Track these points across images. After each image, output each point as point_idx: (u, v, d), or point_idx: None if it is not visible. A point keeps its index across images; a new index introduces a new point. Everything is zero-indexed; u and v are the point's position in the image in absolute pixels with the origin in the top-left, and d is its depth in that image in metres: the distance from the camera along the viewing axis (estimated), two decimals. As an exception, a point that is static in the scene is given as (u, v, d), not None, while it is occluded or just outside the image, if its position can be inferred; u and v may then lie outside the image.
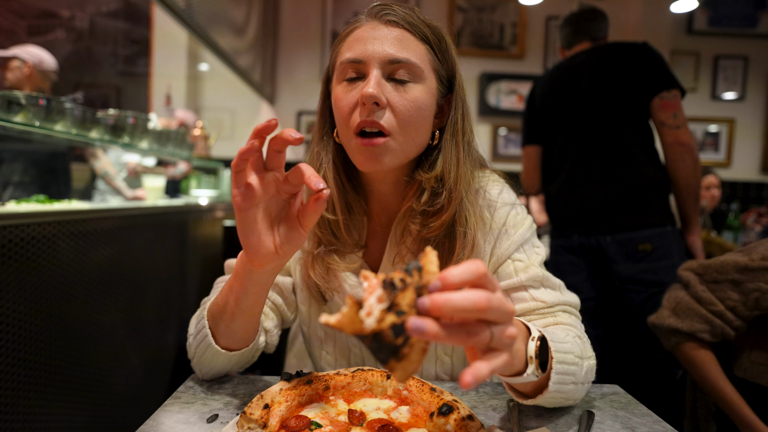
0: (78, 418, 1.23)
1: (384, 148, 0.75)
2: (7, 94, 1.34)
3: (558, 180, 1.94)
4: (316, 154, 0.84)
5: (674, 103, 1.72)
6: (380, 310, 0.40)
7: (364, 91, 0.72)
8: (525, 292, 0.80)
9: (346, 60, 0.75)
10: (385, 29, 0.75)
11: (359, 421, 0.62)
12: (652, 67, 1.76)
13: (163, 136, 2.15)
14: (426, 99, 0.76)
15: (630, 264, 1.73)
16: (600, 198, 1.80)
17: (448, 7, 3.98)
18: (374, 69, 0.74)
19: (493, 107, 4.07)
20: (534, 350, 0.57)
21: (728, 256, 1.14)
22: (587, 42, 1.99)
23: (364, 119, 0.73)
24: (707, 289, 1.15)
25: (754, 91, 4.18)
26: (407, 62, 0.74)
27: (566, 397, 0.66)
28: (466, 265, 0.42)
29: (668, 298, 1.23)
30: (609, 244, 1.76)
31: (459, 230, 0.79)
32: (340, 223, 0.82)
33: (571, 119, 1.88)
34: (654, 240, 1.71)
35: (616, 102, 1.80)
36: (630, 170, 1.77)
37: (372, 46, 0.74)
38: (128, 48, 4.37)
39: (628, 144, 1.78)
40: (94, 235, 1.30)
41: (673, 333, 1.19)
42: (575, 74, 1.89)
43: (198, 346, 0.75)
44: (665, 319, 1.20)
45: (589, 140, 1.84)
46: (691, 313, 1.16)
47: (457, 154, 0.80)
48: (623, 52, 1.82)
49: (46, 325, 1.11)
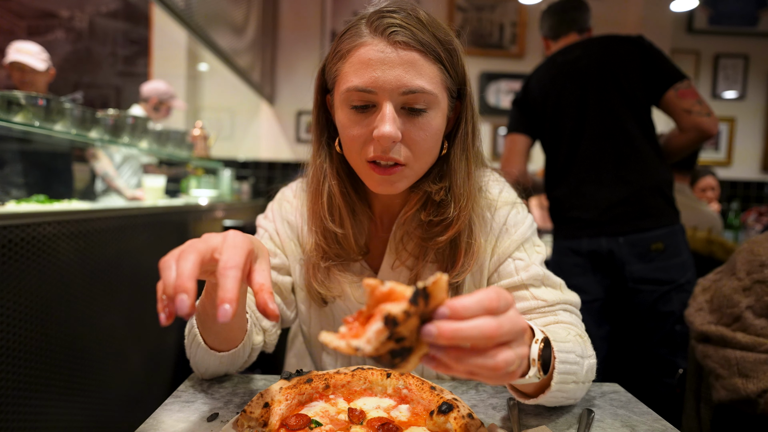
0: (78, 417, 1.23)
1: (399, 176, 0.73)
2: (6, 94, 1.34)
3: (565, 181, 1.91)
4: (318, 166, 0.81)
5: (692, 91, 1.71)
6: (379, 342, 0.39)
7: (381, 131, 0.67)
8: (526, 290, 0.80)
9: (353, 87, 0.69)
10: (394, 52, 0.67)
11: (359, 419, 0.62)
12: (655, 61, 1.74)
13: (162, 136, 2.15)
14: (440, 122, 0.73)
15: (643, 264, 1.72)
16: (612, 200, 1.77)
17: (448, 6, 3.98)
18: (387, 102, 0.68)
19: (493, 106, 4.07)
20: (537, 353, 0.56)
21: (722, 288, 1.11)
22: (575, 33, 1.96)
23: (379, 155, 0.70)
24: (739, 330, 1.08)
25: (754, 89, 4.18)
26: (422, 91, 0.68)
27: (567, 397, 0.66)
28: (479, 297, 0.41)
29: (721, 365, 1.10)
30: (622, 245, 1.74)
31: (463, 240, 0.78)
32: (348, 236, 0.81)
33: (576, 118, 1.86)
34: (666, 239, 1.71)
35: (621, 99, 1.78)
36: (640, 170, 1.75)
37: (383, 73, 0.67)
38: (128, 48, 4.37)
39: (636, 142, 1.77)
40: (94, 235, 1.30)
41: (760, 395, 1.03)
42: (576, 70, 1.86)
43: (191, 346, 0.75)
44: (742, 388, 1.05)
45: (596, 139, 1.82)
46: (758, 367, 1.04)
47: (467, 168, 0.77)
48: (622, 46, 1.80)
49: (46, 325, 1.11)
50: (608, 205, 1.77)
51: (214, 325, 0.70)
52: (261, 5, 3.51)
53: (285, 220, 0.91)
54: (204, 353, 0.73)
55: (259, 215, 0.96)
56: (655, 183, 1.75)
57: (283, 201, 0.93)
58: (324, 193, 0.79)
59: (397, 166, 0.72)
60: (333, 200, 0.80)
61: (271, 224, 0.91)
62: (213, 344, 0.73)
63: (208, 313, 0.68)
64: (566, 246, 1.89)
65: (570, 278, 0.96)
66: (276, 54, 3.98)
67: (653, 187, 1.74)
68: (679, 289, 1.68)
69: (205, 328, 0.72)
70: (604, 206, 1.78)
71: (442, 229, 0.77)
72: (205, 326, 0.72)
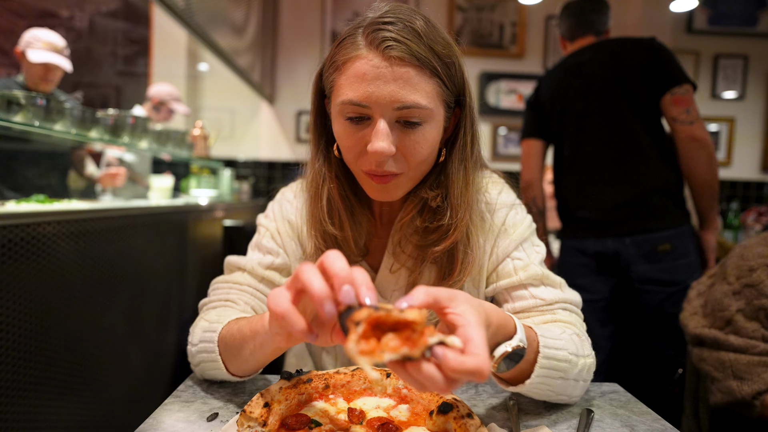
0: (78, 417, 1.23)
1: (395, 184, 0.74)
2: (6, 94, 1.34)
3: (570, 182, 1.91)
4: (317, 170, 0.81)
5: (686, 99, 1.69)
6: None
7: (374, 147, 0.68)
8: (524, 290, 0.80)
9: (347, 101, 0.69)
10: (389, 68, 0.66)
11: (359, 419, 0.62)
12: (661, 62, 1.73)
13: (162, 135, 2.15)
14: (436, 134, 0.73)
15: (649, 265, 1.72)
16: (617, 200, 1.77)
17: (448, 6, 3.98)
18: (381, 118, 0.68)
19: (493, 107, 4.07)
20: (501, 354, 0.58)
21: (714, 292, 1.11)
22: (591, 36, 1.95)
23: (374, 169, 0.71)
24: (731, 333, 1.09)
25: (754, 90, 4.18)
26: (416, 107, 0.68)
27: (555, 392, 0.67)
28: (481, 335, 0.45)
29: (716, 367, 1.11)
30: (628, 245, 1.74)
31: (460, 249, 0.78)
32: (348, 239, 0.81)
33: (580, 118, 1.86)
34: (673, 240, 1.70)
35: (626, 100, 1.77)
36: (643, 171, 1.74)
37: (377, 88, 0.67)
38: (128, 48, 4.37)
39: (640, 143, 1.76)
40: (94, 235, 1.30)
41: (755, 397, 1.05)
42: (582, 72, 1.86)
43: (203, 363, 0.74)
44: (737, 390, 1.06)
45: (599, 140, 1.81)
46: (751, 369, 1.05)
47: (465, 177, 0.77)
48: (631, 48, 1.79)
49: (46, 324, 1.11)
50: (613, 205, 1.77)
51: (246, 365, 0.69)
52: (261, 5, 3.51)
53: (286, 220, 0.91)
54: (221, 374, 0.73)
55: (259, 214, 0.96)
56: (661, 184, 1.74)
57: (283, 201, 0.93)
58: (323, 197, 0.79)
59: (393, 175, 0.73)
60: (332, 204, 0.80)
61: (273, 223, 0.92)
62: (235, 372, 0.72)
63: (246, 349, 0.67)
64: (572, 246, 1.89)
65: (575, 278, 0.97)
66: (276, 54, 3.98)
67: (659, 187, 1.74)
68: (686, 291, 1.68)
69: (232, 361, 0.71)
70: (610, 207, 1.78)
71: (438, 238, 0.77)
72: (234, 361, 0.70)
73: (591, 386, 0.81)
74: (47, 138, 1.97)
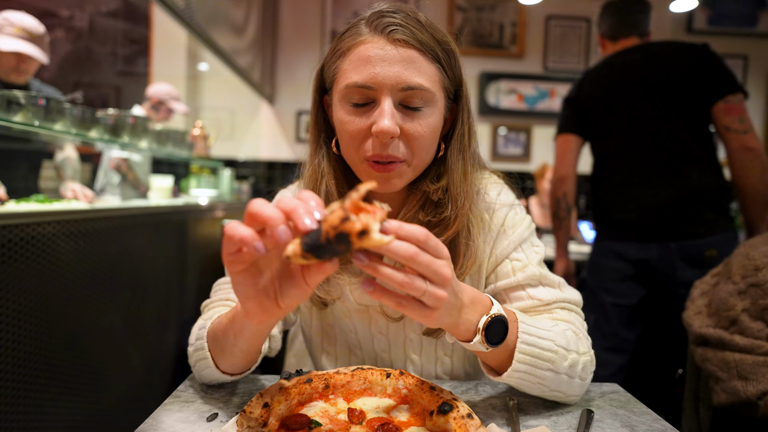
0: (78, 417, 1.23)
1: (397, 173, 0.74)
2: (6, 94, 1.34)
3: (613, 183, 1.87)
4: (316, 166, 0.81)
5: (740, 107, 1.67)
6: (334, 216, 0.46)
7: (380, 126, 0.68)
8: (522, 291, 0.80)
9: (352, 84, 0.70)
10: (394, 50, 0.69)
11: (359, 419, 0.62)
12: (714, 70, 1.70)
13: (162, 135, 2.15)
14: (438, 121, 0.74)
15: (695, 270, 1.68)
16: (664, 204, 1.74)
17: (448, 6, 3.98)
18: (386, 98, 0.69)
19: (493, 107, 4.07)
20: (483, 323, 0.60)
21: (719, 292, 1.11)
22: (635, 37, 1.90)
23: (379, 153, 0.71)
24: (736, 332, 1.09)
25: (753, 90, 4.18)
26: (421, 88, 0.69)
27: (548, 386, 0.67)
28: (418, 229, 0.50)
29: (720, 367, 1.11)
30: (673, 250, 1.71)
31: (461, 242, 0.78)
32: None
33: (626, 121, 1.82)
34: (719, 246, 1.68)
35: (675, 105, 1.74)
36: (690, 175, 1.72)
37: (382, 70, 0.68)
38: (128, 48, 4.37)
39: (690, 149, 1.73)
40: (94, 235, 1.30)
41: (760, 398, 1.05)
42: (629, 74, 1.82)
43: (198, 362, 0.74)
44: (742, 390, 1.06)
45: (647, 143, 1.78)
46: (757, 370, 1.05)
47: (464, 168, 0.78)
48: (683, 53, 1.76)
49: (46, 324, 1.11)
50: (661, 209, 1.75)
51: (232, 356, 0.69)
52: (261, 5, 3.51)
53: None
54: (212, 372, 0.72)
55: None
56: (710, 190, 1.71)
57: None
58: (321, 194, 0.79)
59: (395, 163, 0.73)
60: (331, 199, 0.80)
61: None
62: (225, 368, 0.71)
63: (228, 344, 0.67)
64: (610, 248, 1.86)
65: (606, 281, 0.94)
66: (276, 54, 3.99)
67: (708, 194, 1.71)
68: None
69: (220, 355, 0.70)
70: (656, 210, 1.75)
71: (440, 231, 0.77)
72: (221, 354, 0.70)
73: (591, 386, 0.81)
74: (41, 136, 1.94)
